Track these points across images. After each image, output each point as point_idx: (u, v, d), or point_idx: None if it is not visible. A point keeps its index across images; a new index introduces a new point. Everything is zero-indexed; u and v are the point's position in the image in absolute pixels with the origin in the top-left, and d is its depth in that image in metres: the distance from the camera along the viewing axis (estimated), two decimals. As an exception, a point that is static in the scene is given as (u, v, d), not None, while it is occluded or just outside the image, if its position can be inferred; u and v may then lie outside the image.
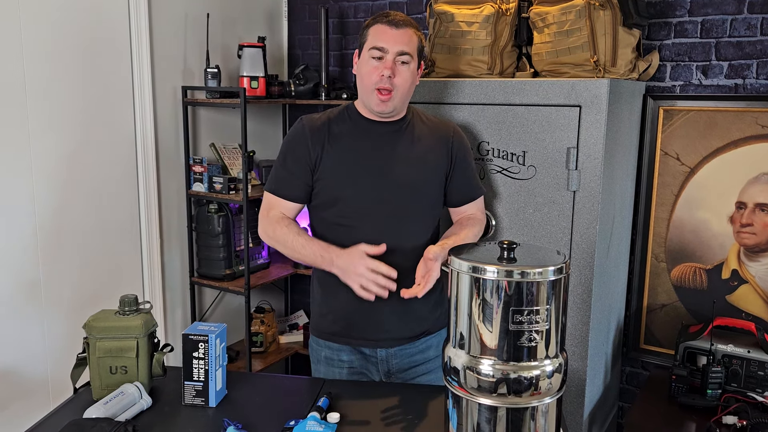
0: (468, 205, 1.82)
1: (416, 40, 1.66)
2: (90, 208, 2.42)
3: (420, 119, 1.77)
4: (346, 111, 1.75)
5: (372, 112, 1.70)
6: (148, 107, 2.56)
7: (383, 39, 1.62)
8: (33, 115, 2.20)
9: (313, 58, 3.11)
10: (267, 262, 2.95)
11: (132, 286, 2.60)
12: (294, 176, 1.71)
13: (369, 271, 1.51)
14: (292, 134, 1.74)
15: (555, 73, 2.11)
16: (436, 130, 1.77)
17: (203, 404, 1.45)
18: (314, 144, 1.69)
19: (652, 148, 2.33)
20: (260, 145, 3.12)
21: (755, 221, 2.19)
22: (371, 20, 1.68)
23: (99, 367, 1.45)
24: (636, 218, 2.39)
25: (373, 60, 1.63)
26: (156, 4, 2.56)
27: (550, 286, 1.16)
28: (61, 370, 2.28)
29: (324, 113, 1.77)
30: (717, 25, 2.20)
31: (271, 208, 1.73)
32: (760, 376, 2.00)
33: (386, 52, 1.62)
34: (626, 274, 2.40)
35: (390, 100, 1.64)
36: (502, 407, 1.19)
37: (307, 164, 1.69)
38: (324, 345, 1.78)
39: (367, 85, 1.64)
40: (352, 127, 1.72)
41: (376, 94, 1.63)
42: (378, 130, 1.71)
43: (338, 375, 1.76)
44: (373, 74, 1.63)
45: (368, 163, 1.69)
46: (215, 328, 1.46)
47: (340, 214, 1.69)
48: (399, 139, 1.71)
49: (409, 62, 1.64)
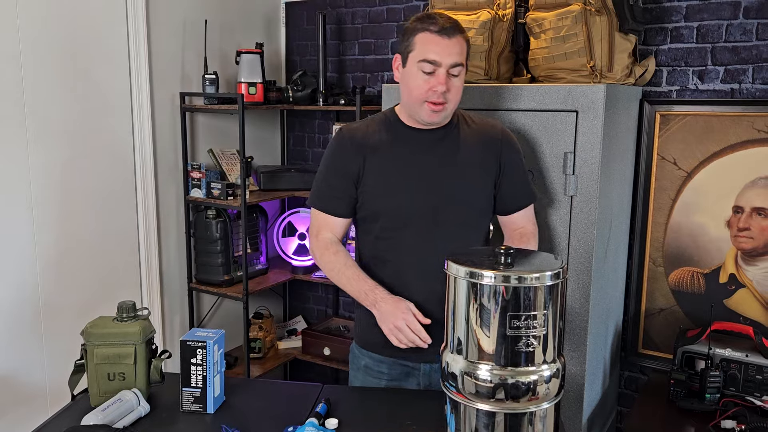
0: (517, 214, 1.72)
1: (466, 46, 1.58)
2: (88, 214, 2.42)
3: (465, 122, 1.69)
4: (386, 119, 1.68)
5: (419, 122, 1.63)
6: (146, 113, 2.56)
7: (435, 51, 1.52)
8: (31, 122, 2.21)
9: (311, 64, 3.12)
10: (265, 267, 2.95)
11: (130, 292, 2.60)
12: (338, 191, 1.65)
13: (407, 328, 1.49)
14: (332, 147, 1.68)
15: (552, 78, 2.12)
16: (483, 133, 1.68)
17: (201, 411, 1.45)
18: (356, 156, 1.63)
19: (649, 153, 2.33)
20: (258, 151, 3.13)
21: (752, 225, 2.19)
22: (416, 24, 1.56)
23: (97, 373, 1.45)
24: (633, 223, 2.39)
25: (423, 74, 1.54)
26: (154, 11, 2.57)
27: (547, 291, 1.16)
28: (59, 377, 2.27)
29: (363, 121, 1.71)
30: (713, 30, 2.21)
31: (320, 228, 1.68)
32: (759, 380, 2.00)
33: (439, 66, 1.53)
34: (624, 278, 2.41)
35: (442, 111, 1.57)
36: (500, 412, 1.19)
37: (350, 177, 1.64)
38: (366, 354, 1.74)
39: (417, 97, 1.56)
40: (393, 136, 1.65)
41: (427, 106, 1.56)
42: (421, 138, 1.64)
43: (376, 384, 1.72)
44: (424, 88, 1.54)
45: (412, 172, 1.62)
46: (213, 334, 1.46)
47: (383, 227, 1.63)
48: (443, 146, 1.64)
49: (461, 72, 1.57)
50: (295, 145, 3.28)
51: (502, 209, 1.73)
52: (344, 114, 3.08)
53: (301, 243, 3.04)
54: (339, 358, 2.89)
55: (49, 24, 2.23)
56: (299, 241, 3.04)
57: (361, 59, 3.02)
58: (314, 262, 3.00)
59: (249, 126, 2.99)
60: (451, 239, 1.60)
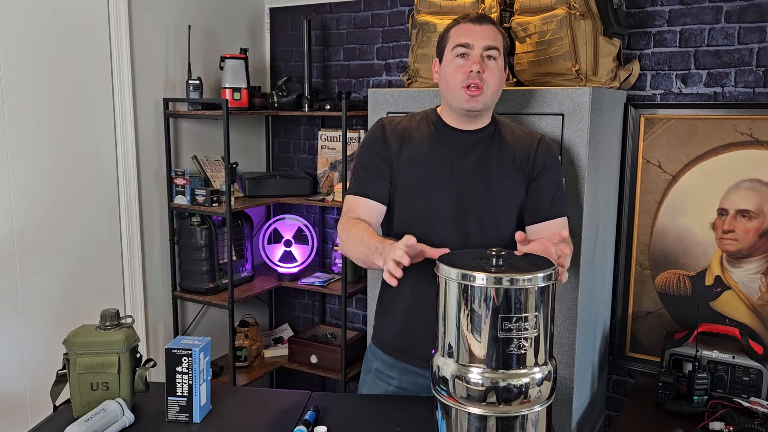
0: (542, 225, 1.63)
1: (500, 36, 1.58)
2: (70, 221, 2.38)
3: (505, 129, 1.67)
4: (427, 116, 1.68)
5: (459, 113, 1.60)
6: (128, 119, 2.53)
7: (467, 35, 1.54)
8: (11, 127, 2.17)
9: (296, 69, 3.11)
10: (251, 275, 2.92)
11: (113, 300, 2.56)
12: (376, 175, 1.63)
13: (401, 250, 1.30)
14: (371, 133, 1.68)
15: (537, 82, 2.13)
16: (519, 141, 1.65)
17: (187, 420, 1.42)
18: (393, 142, 1.63)
19: (634, 156, 2.35)
20: (243, 157, 3.10)
21: (737, 227, 2.21)
22: (451, 23, 1.60)
23: (79, 383, 1.41)
24: (620, 226, 2.40)
25: (458, 58, 1.55)
26: (137, 16, 2.54)
27: (538, 293, 1.15)
28: (41, 388, 2.22)
29: (405, 116, 1.71)
30: (695, 34, 2.24)
31: (350, 211, 1.63)
32: (745, 382, 2.01)
33: (472, 48, 1.54)
34: (611, 281, 2.41)
35: (481, 95, 1.54)
36: (492, 416, 1.18)
37: (387, 161, 1.63)
38: (379, 357, 1.72)
39: (454, 85, 1.55)
40: (432, 134, 1.64)
41: (464, 91, 1.54)
42: (458, 139, 1.63)
43: (383, 390, 1.70)
44: (459, 73, 1.54)
45: (442, 172, 1.61)
46: (199, 342, 1.43)
47: (407, 224, 1.61)
48: (477, 150, 1.62)
49: (497, 57, 1.55)
50: (280, 151, 3.26)
51: (526, 219, 1.67)
52: (330, 119, 3.06)
53: (287, 250, 3.02)
54: (326, 366, 2.87)
55: (29, 28, 2.20)
56: (285, 248, 3.02)
57: (347, 65, 3.01)
58: (300, 269, 2.99)
59: (233, 132, 2.96)
60: (476, 242, 1.58)
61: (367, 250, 1.47)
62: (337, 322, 3.20)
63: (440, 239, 1.58)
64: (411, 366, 1.66)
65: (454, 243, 1.56)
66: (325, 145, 3.03)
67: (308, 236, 3.03)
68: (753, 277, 2.20)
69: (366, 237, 1.50)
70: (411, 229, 1.59)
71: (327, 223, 3.18)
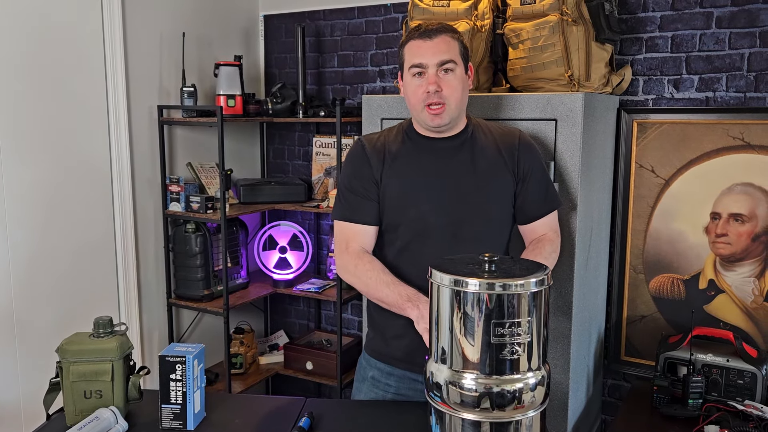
0: (538, 222, 1.68)
1: (455, 44, 1.58)
2: (64, 229, 2.38)
3: (482, 131, 1.68)
4: (403, 130, 1.69)
5: (428, 129, 1.63)
6: (123, 127, 2.53)
7: (419, 54, 1.56)
8: (4, 135, 2.17)
9: (290, 76, 3.11)
10: (246, 281, 2.92)
11: (108, 308, 2.55)
12: (363, 198, 1.63)
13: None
14: (352, 156, 1.68)
15: (530, 87, 2.14)
16: (500, 141, 1.67)
17: (181, 427, 1.41)
18: (376, 162, 1.63)
19: (627, 161, 2.36)
20: (238, 164, 3.10)
21: (730, 231, 2.22)
22: (405, 38, 1.61)
23: (73, 391, 1.41)
24: (613, 230, 2.41)
25: (416, 78, 1.57)
26: (131, 24, 2.55)
27: (531, 298, 1.16)
28: (34, 396, 2.21)
29: (381, 132, 1.72)
30: (687, 39, 2.25)
31: (349, 241, 1.64)
32: (740, 385, 2.01)
33: (425, 67, 1.56)
34: (605, 286, 2.42)
35: (444, 111, 1.57)
36: (486, 422, 1.18)
37: (373, 183, 1.63)
38: (374, 365, 1.72)
39: (415, 104, 1.59)
40: (410, 147, 1.65)
41: (426, 110, 1.57)
42: (437, 147, 1.64)
43: (381, 397, 1.69)
44: (418, 92, 1.57)
45: (429, 182, 1.61)
46: (193, 349, 1.43)
47: (401, 238, 1.62)
48: (460, 155, 1.63)
49: (454, 68, 1.57)
50: (274, 157, 3.27)
51: (521, 217, 1.69)
52: (324, 126, 3.07)
53: (282, 256, 3.02)
54: (322, 372, 2.86)
55: (23, 36, 2.20)
56: (280, 254, 3.02)
57: (341, 71, 3.02)
58: (296, 275, 2.99)
59: (228, 139, 2.96)
60: (470, 248, 1.57)
61: (398, 297, 1.52)
62: (333, 329, 3.19)
63: (435, 247, 1.59)
64: (410, 373, 1.66)
65: (450, 249, 1.56)
66: (319, 151, 3.04)
67: (303, 243, 3.03)
68: (746, 281, 2.21)
69: (391, 282, 1.55)
70: (405, 243, 1.61)
71: (322, 230, 3.18)
